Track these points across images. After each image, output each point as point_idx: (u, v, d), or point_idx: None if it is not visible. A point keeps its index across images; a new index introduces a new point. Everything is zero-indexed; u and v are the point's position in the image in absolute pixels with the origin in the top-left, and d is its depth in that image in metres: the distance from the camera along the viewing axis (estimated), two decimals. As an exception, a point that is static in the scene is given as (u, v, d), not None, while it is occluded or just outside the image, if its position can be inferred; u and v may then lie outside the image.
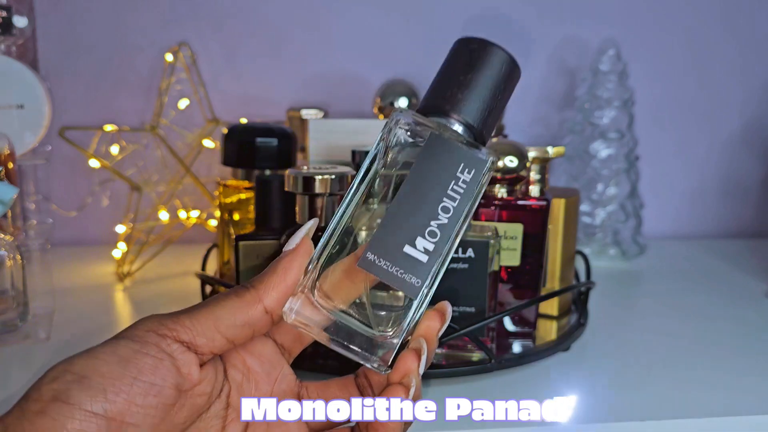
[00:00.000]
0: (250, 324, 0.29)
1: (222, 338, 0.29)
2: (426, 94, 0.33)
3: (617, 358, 0.54)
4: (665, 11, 0.92)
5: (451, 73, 0.32)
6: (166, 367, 0.27)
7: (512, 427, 0.43)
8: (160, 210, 0.77)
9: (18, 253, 0.54)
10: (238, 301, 0.29)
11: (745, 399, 0.47)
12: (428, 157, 0.30)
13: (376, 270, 0.29)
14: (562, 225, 0.60)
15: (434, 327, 0.30)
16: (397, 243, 0.29)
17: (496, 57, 0.32)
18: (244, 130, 0.62)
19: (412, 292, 0.29)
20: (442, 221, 0.30)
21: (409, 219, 0.30)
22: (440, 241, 0.30)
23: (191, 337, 0.28)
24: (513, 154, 0.54)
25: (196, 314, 0.29)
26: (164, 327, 0.28)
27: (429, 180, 0.30)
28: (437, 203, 0.30)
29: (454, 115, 0.32)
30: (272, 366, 0.33)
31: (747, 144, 0.97)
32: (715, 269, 0.80)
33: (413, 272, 0.29)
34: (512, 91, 0.33)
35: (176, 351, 0.28)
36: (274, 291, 0.30)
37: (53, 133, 0.69)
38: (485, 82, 0.32)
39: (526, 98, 0.91)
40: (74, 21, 0.82)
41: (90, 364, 0.26)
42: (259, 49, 0.85)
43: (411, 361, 0.29)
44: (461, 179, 0.30)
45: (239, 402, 0.31)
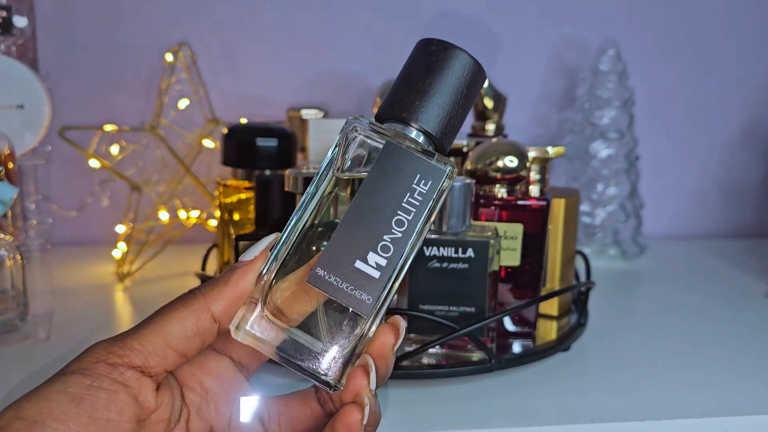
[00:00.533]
0: (199, 334, 0.28)
1: (174, 353, 0.28)
2: (384, 100, 0.31)
3: (617, 358, 0.54)
4: (665, 11, 0.92)
5: (410, 77, 0.31)
6: (122, 399, 0.26)
7: (512, 427, 0.43)
8: (160, 210, 0.77)
9: (18, 253, 0.54)
10: (185, 311, 0.28)
11: (745, 399, 0.47)
12: (383, 167, 0.29)
13: (326, 286, 0.28)
14: (562, 225, 0.60)
15: (388, 342, 0.29)
16: (348, 258, 0.28)
17: (458, 60, 0.30)
18: (244, 130, 0.62)
19: (362, 310, 0.28)
20: (396, 235, 0.28)
21: (361, 233, 0.28)
22: (393, 256, 0.28)
23: (143, 360, 0.27)
24: (513, 154, 0.54)
25: (144, 333, 0.27)
26: (113, 355, 0.26)
27: (383, 192, 0.29)
28: (391, 216, 0.29)
29: (412, 123, 0.30)
30: (231, 385, 0.31)
31: (747, 144, 0.97)
32: (715, 269, 0.80)
33: (364, 289, 0.28)
34: (476, 96, 0.32)
35: (130, 379, 0.26)
36: (223, 300, 0.29)
37: (53, 133, 0.69)
38: (445, 87, 0.30)
39: (526, 98, 0.91)
40: (74, 21, 0.82)
41: (41, 407, 0.24)
42: (259, 49, 0.85)
43: (360, 378, 0.28)
44: (417, 191, 0.29)
45: (199, 427, 0.30)
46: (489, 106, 0.75)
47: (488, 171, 0.55)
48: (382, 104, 0.31)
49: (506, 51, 0.90)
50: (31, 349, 0.53)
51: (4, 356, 0.52)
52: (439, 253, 0.49)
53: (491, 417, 0.44)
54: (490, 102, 0.75)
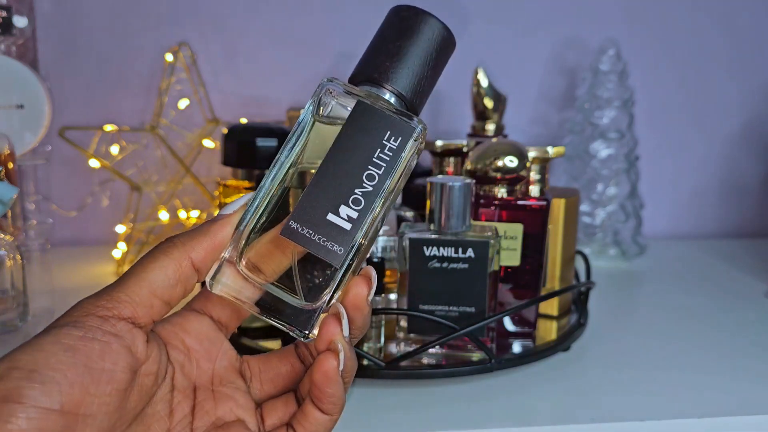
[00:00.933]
0: (181, 281, 0.29)
1: (159, 302, 0.28)
2: (358, 64, 0.33)
3: (617, 358, 0.54)
4: (665, 11, 0.92)
5: (382, 41, 0.32)
6: (115, 349, 0.26)
7: (512, 427, 0.43)
8: (160, 210, 0.77)
9: (18, 253, 0.54)
10: (166, 260, 0.29)
11: (745, 399, 0.47)
12: (354, 124, 0.30)
13: (299, 238, 0.29)
14: (562, 225, 0.60)
15: (361, 293, 0.30)
16: (321, 211, 0.29)
17: (428, 25, 0.32)
18: (244, 130, 0.62)
19: (334, 260, 0.29)
20: (367, 189, 0.30)
21: (333, 187, 0.30)
22: (364, 208, 0.29)
23: (132, 311, 0.27)
24: (513, 154, 0.54)
25: (129, 284, 0.28)
26: (102, 308, 0.27)
27: (354, 148, 0.30)
28: (362, 171, 0.30)
29: (385, 85, 0.31)
30: (211, 343, 0.32)
31: (746, 144, 0.97)
32: (715, 269, 0.80)
33: (336, 240, 0.29)
34: (446, 61, 0.33)
35: (122, 330, 0.27)
36: (202, 249, 0.29)
37: (53, 133, 0.69)
38: (416, 51, 0.32)
39: (526, 98, 0.91)
40: (74, 21, 0.82)
41: (36, 356, 0.24)
42: (259, 49, 0.85)
43: (332, 326, 0.29)
44: (387, 147, 0.30)
45: (183, 383, 0.31)
46: (489, 106, 0.75)
47: (488, 171, 0.55)
48: (356, 67, 0.32)
49: (506, 51, 0.90)
50: (31, 349, 0.53)
51: (4, 356, 0.52)
52: (439, 253, 0.49)
53: (491, 417, 0.44)
54: (490, 102, 0.75)
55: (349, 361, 0.29)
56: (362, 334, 0.31)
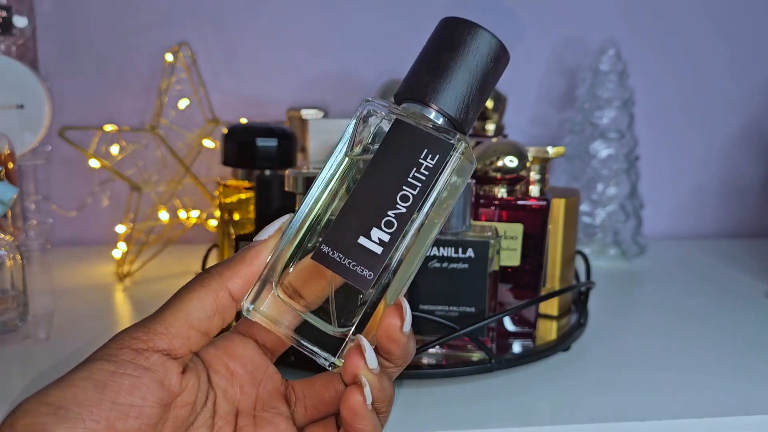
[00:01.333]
0: (219, 312, 0.29)
1: (196, 333, 0.28)
2: (403, 80, 0.31)
3: (617, 358, 0.54)
4: (665, 12, 0.92)
5: (430, 57, 0.30)
6: (146, 384, 0.26)
7: (512, 427, 0.43)
8: (160, 210, 0.77)
9: (18, 253, 0.54)
10: (204, 291, 0.28)
11: (745, 399, 0.47)
12: (390, 143, 0.28)
13: (330, 262, 0.28)
14: (562, 225, 0.60)
15: (393, 324, 0.29)
16: (352, 234, 0.28)
17: (480, 40, 0.30)
18: (244, 130, 0.62)
19: (363, 285, 0.28)
20: (400, 211, 0.28)
21: (365, 209, 0.28)
22: (396, 231, 0.28)
23: (167, 343, 0.27)
24: (513, 154, 0.54)
25: (166, 316, 0.28)
26: (138, 340, 0.27)
27: (389, 167, 0.28)
28: (396, 192, 0.28)
29: (431, 104, 0.29)
30: (255, 367, 0.32)
31: (746, 144, 0.97)
32: (715, 269, 0.80)
33: (366, 264, 0.28)
34: (498, 79, 0.31)
35: (155, 363, 0.27)
36: (239, 278, 0.29)
37: (53, 133, 0.69)
38: (463, 65, 0.29)
39: (526, 98, 0.91)
40: (74, 21, 0.82)
41: (66, 393, 0.25)
42: (259, 49, 0.85)
43: (355, 358, 0.28)
44: (423, 165, 0.28)
45: (226, 409, 0.30)
46: (489, 106, 0.75)
47: (488, 171, 0.55)
48: (402, 84, 0.31)
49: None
50: (31, 350, 0.53)
51: (4, 356, 0.52)
52: (439, 253, 0.49)
53: (491, 417, 0.44)
54: (490, 102, 0.75)
55: (380, 392, 0.28)
56: (405, 363, 0.30)
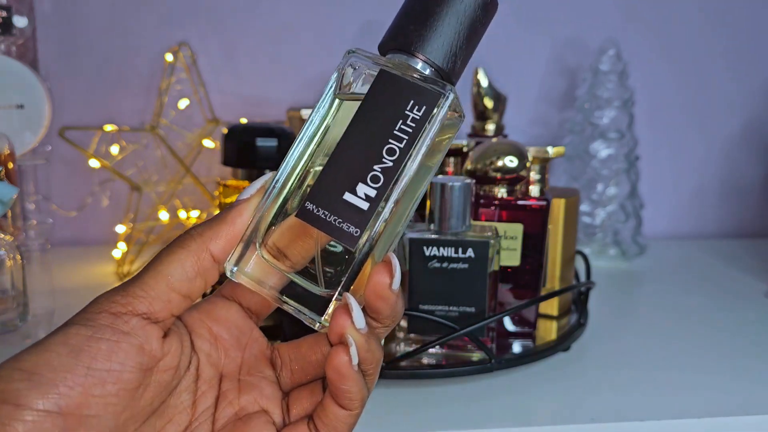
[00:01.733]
0: (201, 274, 0.28)
1: (177, 296, 0.27)
2: (388, 30, 0.30)
3: (617, 358, 0.54)
4: (665, 11, 0.92)
5: (415, 4, 0.29)
6: (124, 349, 0.25)
7: (512, 427, 0.43)
8: (160, 210, 0.77)
9: (18, 253, 0.54)
10: (184, 253, 0.27)
11: (745, 399, 0.47)
12: (376, 95, 0.27)
13: (315, 220, 0.27)
14: (562, 225, 0.60)
15: (382, 281, 0.27)
16: (337, 190, 0.27)
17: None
18: (244, 130, 0.62)
19: (350, 243, 0.27)
20: (387, 164, 0.27)
21: (350, 164, 0.27)
22: (383, 186, 0.27)
23: (148, 306, 0.26)
24: (513, 154, 0.54)
25: (146, 279, 0.27)
26: (117, 304, 0.26)
27: (374, 120, 0.27)
28: (381, 145, 0.27)
29: (417, 54, 0.28)
30: (240, 331, 0.31)
31: (747, 144, 0.97)
32: (715, 269, 0.80)
33: (352, 221, 0.26)
34: (486, 27, 0.30)
35: (135, 327, 0.26)
36: (221, 239, 0.28)
37: (53, 133, 0.69)
38: (453, 15, 0.28)
39: (526, 98, 0.91)
40: (74, 21, 0.82)
41: (39, 358, 0.25)
42: (259, 49, 0.85)
43: (341, 318, 0.27)
44: (410, 117, 0.27)
45: (209, 373, 0.30)
46: (489, 106, 0.75)
47: (488, 171, 0.55)
48: (386, 34, 0.29)
49: (506, 51, 0.90)
50: (31, 349, 0.53)
51: (4, 356, 0.52)
52: (439, 253, 0.49)
53: (491, 417, 0.44)
54: (490, 102, 0.75)
55: (368, 353, 0.27)
56: (393, 323, 0.29)
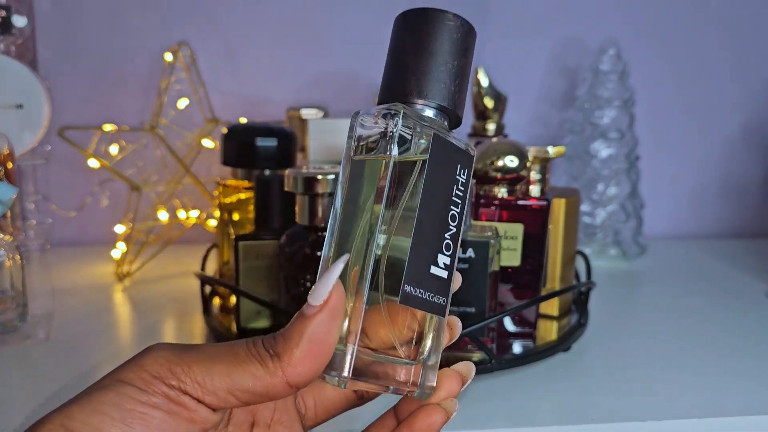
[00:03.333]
0: (269, 395, 0.26)
1: (236, 401, 0.25)
2: (383, 84, 0.29)
3: (618, 358, 0.54)
4: (665, 11, 0.92)
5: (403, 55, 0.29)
6: (176, 421, 0.25)
7: (512, 427, 0.43)
8: (159, 210, 0.77)
9: (17, 254, 0.54)
10: (259, 369, 0.25)
11: (745, 399, 0.47)
12: (434, 163, 0.27)
13: (415, 302, 0.27)
14: (563, 225, 0.60)
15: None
16: (425, 266, 0.27)
17: (443, 24, 0.28)
18: (244, 129, 0.62)
19: (440, 312, 0.28)
20: (452, 231, 0.28)
21: (429, 237, 0.27)
22: (453, 252, 0.28)
23: (199, 395, 0.25)
24: (513, 154, 0.54)
25: (212, 368, 0.25)
26: (173, 377, 0.25)
27: (438, 189, 0.27)
28: (446, 212, 0.28)
29: (419, 101, 0.28)
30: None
31: (747, 144, 0.97)
32: (716, 269, 0.80)
33: (439, 291, 0.28)
34: (472, 53, 0.30)
35: (188, 403, 0.25)
36: (301, 366, 0.25)
37: (52, 132, 0.69)
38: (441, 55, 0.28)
39: (526, 98, 0.91)
40: (74, 20, 0.82)
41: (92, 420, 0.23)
42: (259, 49, 0.85)
43: (455, 383, 0.28)
44: (460, 182, 0.28)
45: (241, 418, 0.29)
46: (489, 105, 0.75)
47: (488, 171, 0.55)
48: (382, 92, 0.29)
49: (506, 51, 0.90)
50: (31, 350, 0.53)
51: (4, 357, 0.52)
52: (440, 253, 0.49)
53: (491, 417, 0.44)
54: (491, 102, 0.75)
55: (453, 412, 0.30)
56: None
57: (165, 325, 0.60)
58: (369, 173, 0.27)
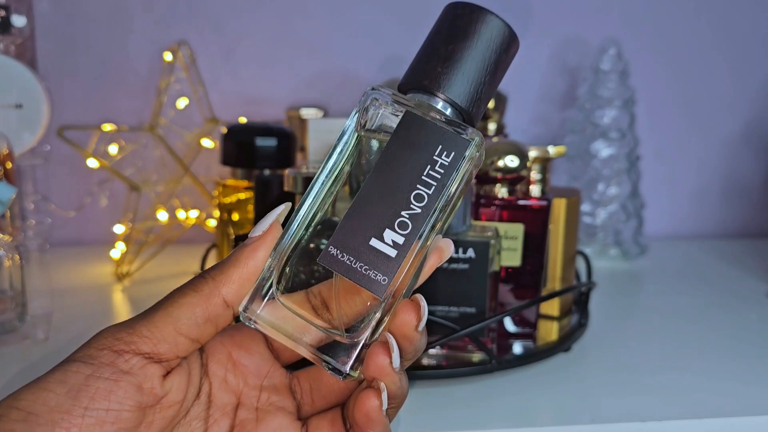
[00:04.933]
0: (211, 319, 0.27)
1: (185, 340, 0.27)
2: (408, 70, 0.29)
3: (618, 358, 0.54)
4: (665, 11, 0.91)
5: (434, 44, 0.28)
6: (123, 388, 0.25)
7: (513, 428, 0.43)
8: (158, 210, 0.77)
9: (16, 254, 0.54)
10: (195, 296, 0.27)
11: (745, 400, 0.47)
12: (401, 138, 0.27)
13: (338, 266, 0.26)
14: (563, 225, 0.60)
15: (409, 321, 0.27)
16: (363, 236, 0.26)
17: (486, 24, 0.28)
18: (244, 129, 0.62)
19: (377, 290, 0.26)
20: (415, 211, 0.26)
21: (377, 209, 0.26)
22: (411, 233, 0.26)
23: (152, 347, 0.26)
24: (514, 154, 0.54)
25: (154, 319, 0.26)
26: (121, 341, 0.26)
27: (401, 164, 0.27)
28: (409, 191, 0.27)
29: (438, 93, 0.28)
30: (262, 358, 0.30)
31: (747, 144, 0.97)
32: (716, 269, 0.80)
33: (379, 268, 0.26)
34: (508, 66, 0.29)
35: (135, 366, 0.26)
36: (234, 283, 0.27)
37: (52, 132, 0.69)
38: (473, 53, 0.28)
39: (526, 98, 0.91)
40: (73, 20, 0.81)
41: (38, 397, 0.24)
42: (259, 48, 0.85)
43: (380, 357, 0.27)
44: (438, 163, 0.27)
45: (224, 399, 0.29)
46: (490, 105, 0.75)
47: (489, 171, 0.55)
48: (406, 73, 0.29)
49: (506, 50, 0.89)
50: (30, 350, 0.53)
51: (3, 357, 0.52)
52: (440, 254, 0.49)
53: (492, 418, 0.44)
54: (491, 101, 0.74)
55: (399, 389, 0.27)
56: (414, 359, 0.29)
57: (164, 326, 0.60)
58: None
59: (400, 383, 0.27)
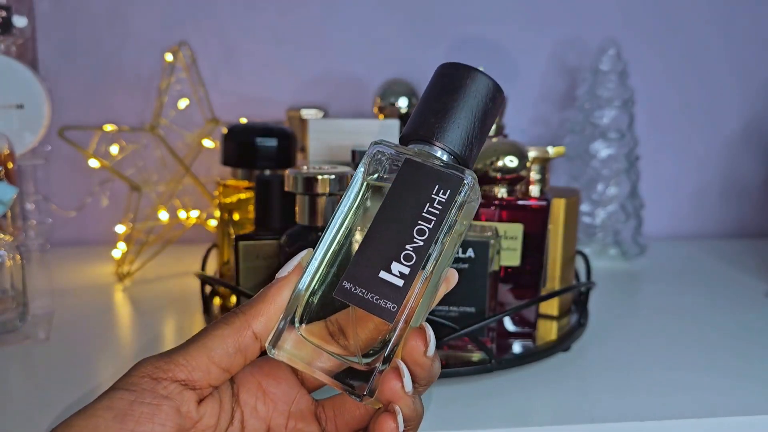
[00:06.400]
0: (241, 350, 0.30)
1: (217, 369, 0.29)
2: (407, 123, 0.33)
3: (617, 358, 0.54)
4: (665, 11, 0.92)
5: (429, 100, 0.32)
6: (164, 411, 0.27)
7: (512, 427, 0.43)
8: (159, 210, 0.77)
9: (17, 254, 0.54)
10: (227, 329, 0.30)
11: (745, 399, 0.47)
12: (402, 181, 0.30)
13: (353, 298, 0.29)
14: (563, 225, 0.60)
15: (417, 347, 0.30)
16: (373, 269, 0.29)
17: (473, 79, 0.32)
18: (244, 130, 0.62)
19: (388, 317, 0.29)
20: (418, 244, 0.30)
21: (383, 244, 0.30)
22: (416, 264, 0.29)
23: (187, 374, 0.29)
24: (513, 154, 0.54)
25: (189, 350, 0.29)
26: (159, 369, 0.28)
27: (403, 204, 0.30)
28: (412, 226, 0.30)
29: (434, 142, 0.31)
30: (289, 386, 0.33)
31: (747, 144, 0.97)
32: (716, 269, 0.80)
33: (389, 297, 0.29)
34: (496, 113, 0.33)
35: (173, 392, 0.28)
36: (263, 316, 0.30)
37: (53, 133, 0.69)
38: (463, 106, 0.32)
39: (526, 98, 0.91)
40: (74, 21, 0.82)
41: (88, 423, 0.27)
42: (259, 49, 0.85)
43: (392, 382, 0.29)
44: (436, 200, 0.30)
45: (255, 426, 0.32)
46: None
47: (488, 171, 0.55)
48: (407, 127, 0.33)
49: (506, 51, 0.90)
50: (31, 350, 0.53)
51: (4, 356, 0.52)
52: (439, 253, 0.49)
53: (491, 417, 0.44)
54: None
55: (413, 412, 0.30)
56: (430, 383, 0.31)
57: (165, 325, 0.60)
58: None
59: (414, 406, 0.30)
